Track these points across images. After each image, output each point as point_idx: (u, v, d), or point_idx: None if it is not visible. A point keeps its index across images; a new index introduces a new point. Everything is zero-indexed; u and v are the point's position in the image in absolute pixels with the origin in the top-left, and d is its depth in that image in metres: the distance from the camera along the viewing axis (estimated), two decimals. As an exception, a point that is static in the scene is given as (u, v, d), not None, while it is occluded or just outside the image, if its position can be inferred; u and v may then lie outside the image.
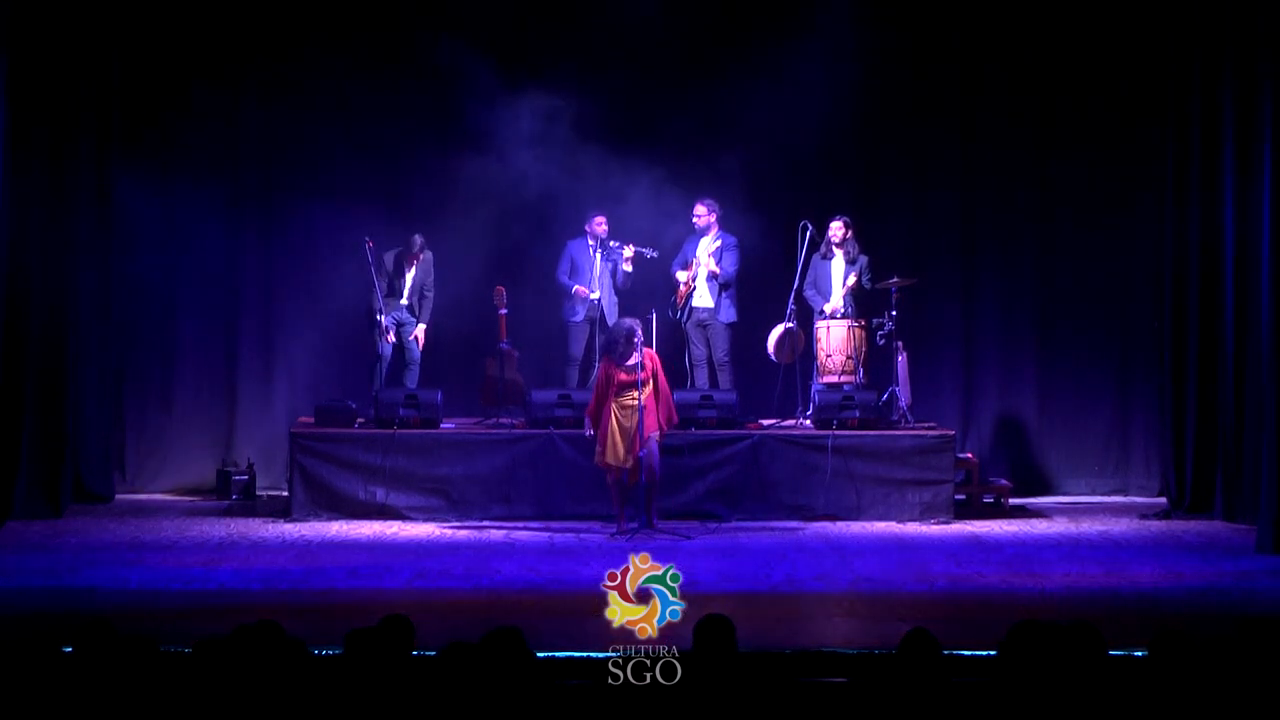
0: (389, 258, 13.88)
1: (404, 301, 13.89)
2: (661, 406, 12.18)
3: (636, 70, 14.35)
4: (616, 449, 12.09)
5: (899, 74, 14.52)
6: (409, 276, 13.90)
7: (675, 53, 14.43)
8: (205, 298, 14.53)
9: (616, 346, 12.14)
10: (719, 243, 13.98)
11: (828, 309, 13.77)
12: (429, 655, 5.62)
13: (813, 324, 13.83)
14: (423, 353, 14.10)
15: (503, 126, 14.02)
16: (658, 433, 12.16)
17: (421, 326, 13.96)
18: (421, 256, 13.90)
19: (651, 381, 12.14)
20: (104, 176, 13.72)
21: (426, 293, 13.98)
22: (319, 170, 14.30)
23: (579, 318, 14.00)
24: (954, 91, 14.65)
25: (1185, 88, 13.39)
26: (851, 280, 13.69)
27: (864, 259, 13.79)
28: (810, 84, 14.05)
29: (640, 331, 12.20)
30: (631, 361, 12.04)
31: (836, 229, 13.74)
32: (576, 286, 13.92)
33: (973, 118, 14.67)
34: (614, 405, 12.08)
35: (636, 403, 12.04)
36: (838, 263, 13.81)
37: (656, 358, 12.32)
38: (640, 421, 12.03)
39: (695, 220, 14.02)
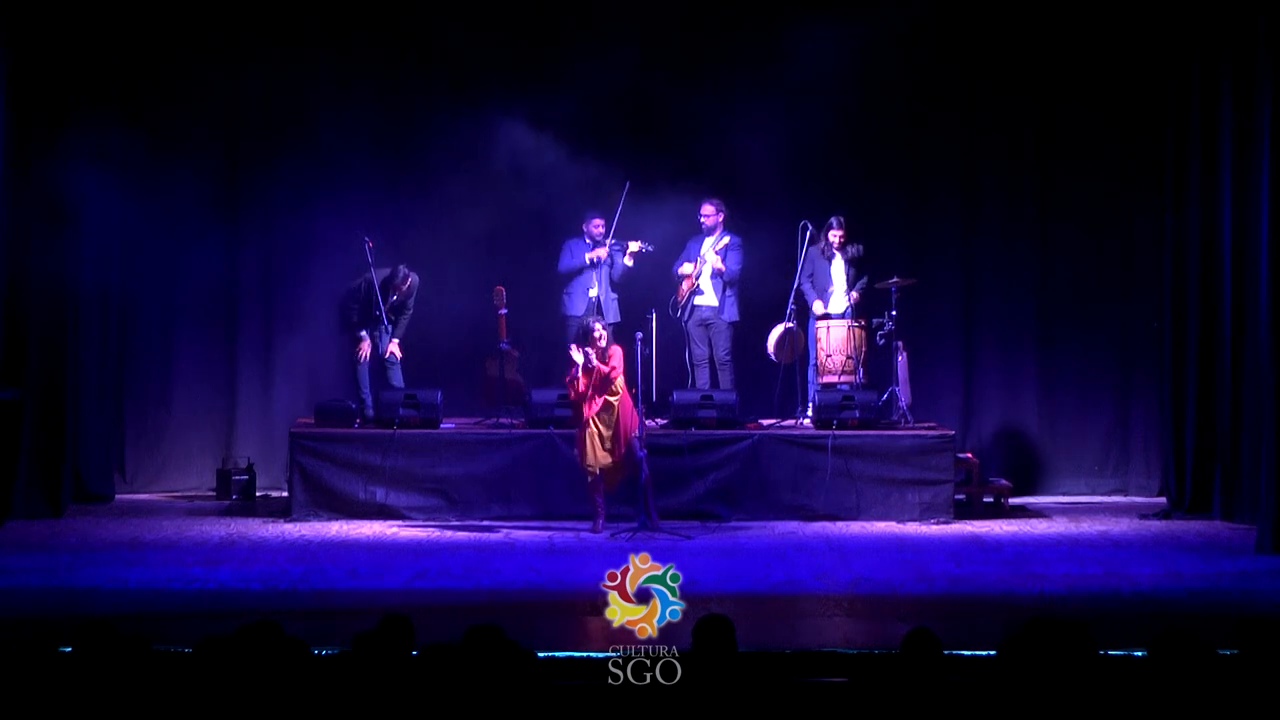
0: (376, 276, 13.74)
1: (377, 313, 13.73)
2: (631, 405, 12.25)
3: (637, 70, 14.30)
4: (596, 450, 12.16)
5: (899, 73, 14.51)
6: (390, 300, 13.77)
7: (676, 53, 14.43)
8: (205, 298, 14.52)
9: (588, 338, 12.18)
10: (726, 240, 13.97)
11: (819, 309, 13.74)
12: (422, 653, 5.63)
13: (810, 324, 13.83)
14: (421, 353, 14.10)
15: (504, 126, 14.03)
16: (637, 433, 12.18)
17: (395, 340, 13.86)
18: (405, 287, 13.82)
19: (621, 380, 12.17)
20: (104, 176, 13.70)
21: (406, 310, 13.90)
22: (319, 169, 14.29)
23: (579, 312, 13.99)
24: (954, 91, 14.64)
25: (1185, 87, 13.39)
26: (855, 295, 13.67)
27: (860, 249, 13.82)
28: (811, 84, 14.05)
29: (601, 330, 12.22)
30: (610, 360, 12.09)
31: (838, 235, 13.73)
32: (587, 254, 13.86)
33: (973, 117, 14.66)
34: (590, 404, 12.14)
35: (612, 401, 12.07)
36: (838, 263, 13.83)
37: (622, 357, 12.32)
38: (621, 419, 12.06)
39: (704, 220, 13.99)
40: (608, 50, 14.20)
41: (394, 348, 13.78)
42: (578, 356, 12.24)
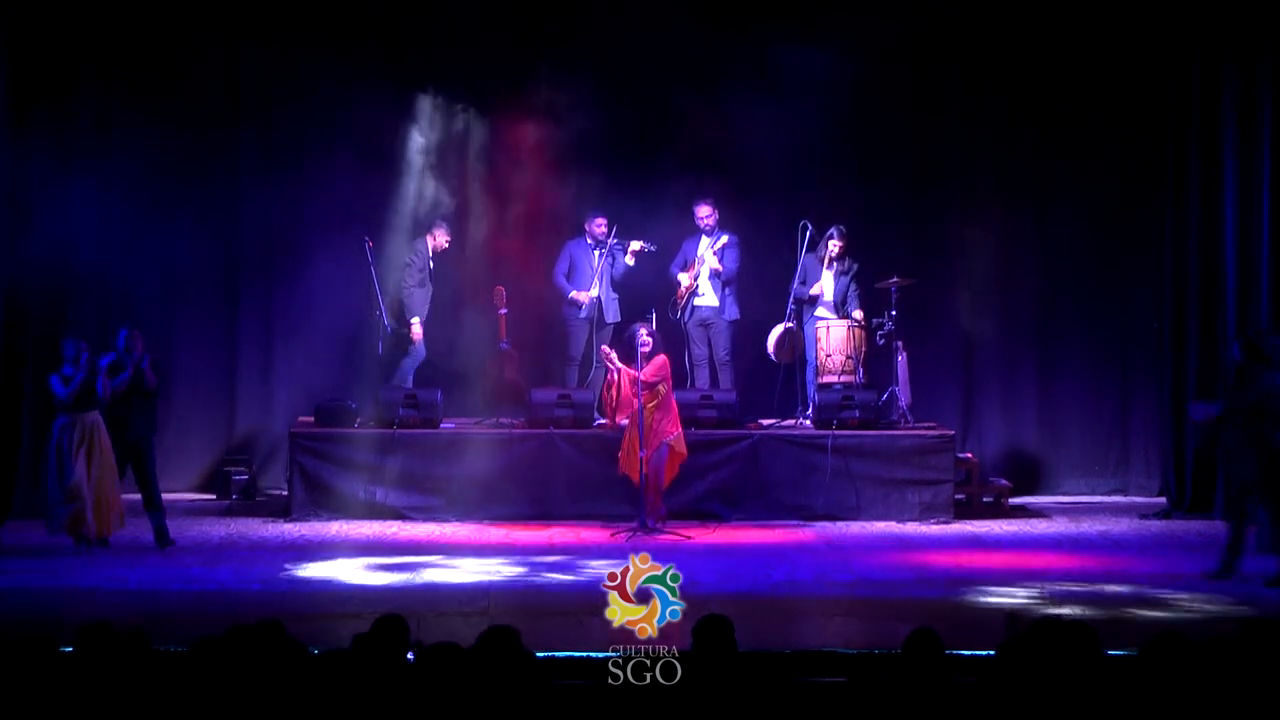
0: (422, 247, 13.91)
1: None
2: (670, 415, 12.24)
3: (637, 70, 14.33)
4: (624, 457, 12.27)
5: (899, 73, 14.51)
6: (430, 265, 13.97)
7: (677, 53, 14.39)
8: (205, 297, 14.52)
9: (626, 350, 12.22)
10: (724, 240, 13.96)
11: (815, 290, 13.73)
12: (425, 653, 5.63)
13: (809, 324, 13.82)
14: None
15: (504, 126, 14.03)
16: (670, 439, 12.18)
17: (418, 319, 13.98)
18: (447, 244, 14.01)
19: (661, 388, 12.18)
20: (105, 175, 13.70)
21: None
22: (319, 171, 14.25)
23: (580, 316, 14.00)
24: (955, 90, 14.63)
25: (1185, 87, 13.40)
26: (858, 314, 13.67)
27: (855, 266, 13.82)
28: (811, 84, 14.05)
29: (646, 337, 12.23)
30: (642, 369, 12.09)
31: (836, 246, 13.71)
32: (573, 293, 13.93)
33: (973, 117, 14.66)
34: (626, 409, 12.19)
35: (650, 407, 12.10)
36: (831, 271, 13.80)
37: (666, 366, 12.32)
38: (654, 426, 12.07)
39: (704, 220, 13.98)
40: (611, 48, 14.22)
41: (418, 327, 13.94)
42: (607, 362, 12.29)
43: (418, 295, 13.96)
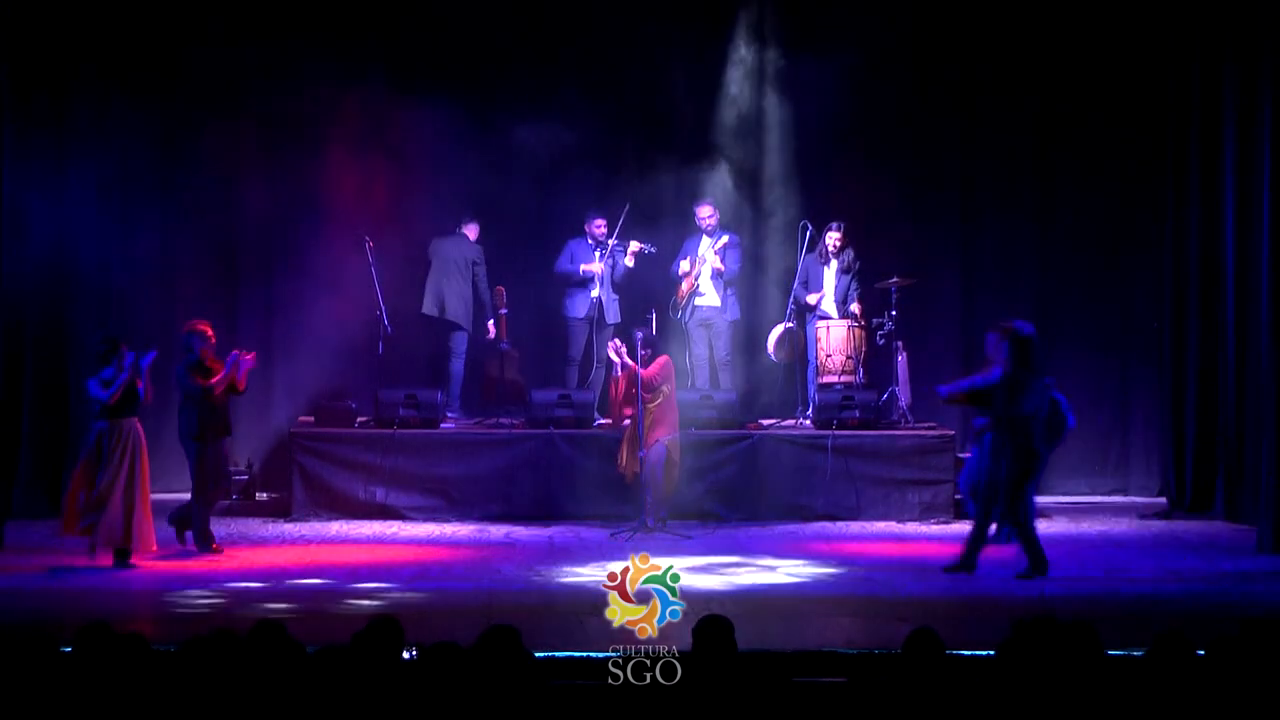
0: (469, 243, 14.00)
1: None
2: (670, 416, 12.25)
3: (637, 70, 14.33)
4: (622, 454, 12.30)
5: (899, 73, 14.51)
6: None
7: (677, 53, 14.41)
8: (205, 298, 14.48)
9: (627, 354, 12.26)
10: (725, 239, 13.96)
11: (812, 300, 13.75)
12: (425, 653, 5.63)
13: (809, 324, 13.83)
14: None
15: (505, 126, 14.03)
16: (667, 439, 12.18)
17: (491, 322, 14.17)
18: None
19: (665, 389, 12.19)
20: (104, 175, 13.70)
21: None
22: (320, 170, 14.26)
23: (580, 314, 13.99)
24: (955, 91, 14.64)
25: (1185, 87, 13.40)
26: (856, 309, 13.69)
27: (858, 264, 13.83)
28: (811, 84, 14.05)
29: (645, 346, 12.24)
30: (644, 369, 12.12)
31: (835, 238, 13.74)
32: (582, 266, 13.89)
33: (973, 117, 14.67)
34: (628, 411, 12.20)
35: (650, 408, 12.10)
36: (831, 269, 13.83)
37: (670, 366, 12.32)
38: (645, 428, 12.07)
39: (705, 220, 13.97)
40: (610, 51, 14.22)
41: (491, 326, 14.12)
42: (613, 355, 12.31)
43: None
